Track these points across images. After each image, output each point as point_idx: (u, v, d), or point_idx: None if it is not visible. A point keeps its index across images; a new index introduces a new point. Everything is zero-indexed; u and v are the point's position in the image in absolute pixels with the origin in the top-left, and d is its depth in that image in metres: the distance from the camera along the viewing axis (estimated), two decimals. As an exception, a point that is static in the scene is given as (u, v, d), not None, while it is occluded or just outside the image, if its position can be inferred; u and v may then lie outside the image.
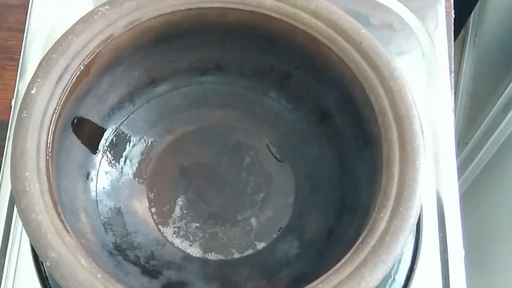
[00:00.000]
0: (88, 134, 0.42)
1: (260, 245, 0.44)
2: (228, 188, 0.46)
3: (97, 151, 0.43)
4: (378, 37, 0.49)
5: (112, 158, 0.44)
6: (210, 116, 0.47)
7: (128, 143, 0.45)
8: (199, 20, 0.39)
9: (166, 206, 0.45)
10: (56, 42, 0.36)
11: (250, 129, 0.47)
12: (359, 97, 0.38)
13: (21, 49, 0.50)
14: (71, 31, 0.37)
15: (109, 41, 0.37)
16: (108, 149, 0.44)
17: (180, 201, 0.45)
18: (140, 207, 0.44)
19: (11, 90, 0.55)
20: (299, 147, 0.46)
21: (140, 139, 0.46)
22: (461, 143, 0.91)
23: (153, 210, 0.45)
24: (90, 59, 0.37)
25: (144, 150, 0.46)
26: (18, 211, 0.32)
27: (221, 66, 0.45)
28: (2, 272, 0.42)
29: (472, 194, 0.85)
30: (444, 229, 0.44)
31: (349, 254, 0.32)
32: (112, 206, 0.43)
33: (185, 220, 0.44)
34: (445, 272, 0.42)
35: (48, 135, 0.34)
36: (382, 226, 0.33)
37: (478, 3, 1.01)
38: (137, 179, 0.45)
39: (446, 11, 0.52)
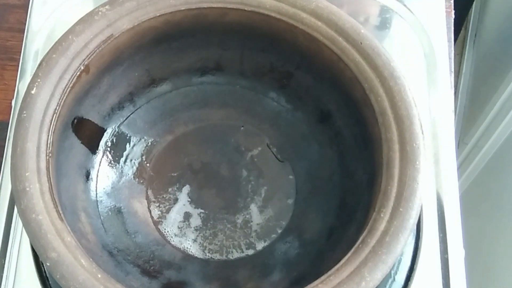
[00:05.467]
0: (88, 134, 0.42)
1: (260, 245, 0.44)
2: (228, 188, 0.46)
3: (97, 151, 0.43)
4: (378, 37, 0.50)
5: (112, 158, 0.44)
6: (210, 116, 0.47)
7: (128, 143, 0.45)
8: (199, 20, 0.39)
9: (166, 206, 0.45)
10: (56, 42, 0.36)
11: (250, 129, 0.47)
12: (359, 97, 0.38)
13: (21, 49, 0.50)
14: (71, 31, 0.37)
15: (109, 41, 0.37)
16: (108, 149, 0.44)
17: (180, 201, 0.45)
18: (140, 207, 0.44)
19: (11, 90, 0.55)
20: (299, 147, 0.46)
21: (140, 139, 0.46)
22: (461, 143, 0.91)
23: (153, 210, 0.45)
24: (90, 59, 0.37)
25: (144, 150, 0.46)
26: (18, 211, 0.32)
27: (221, 66, 0.45)
28: (2, 272, 0.42)
29: (472, 194, 0.85)
30: (444, 229, 0.44)
31: (349, 254, 0.32)
32: (112, 206, 0.43)
33: (185, 220, 0.44)
34: (445, 272, 0.42)
35: (48, 135, 0.34)
36: (382, 226, 0.33)
37: (478, 3, 1.01)
38: (137, 179, 0.45)
39: (446, 11, 0.52)
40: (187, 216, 0.45)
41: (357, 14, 0.51)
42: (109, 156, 0.44)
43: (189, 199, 0.45)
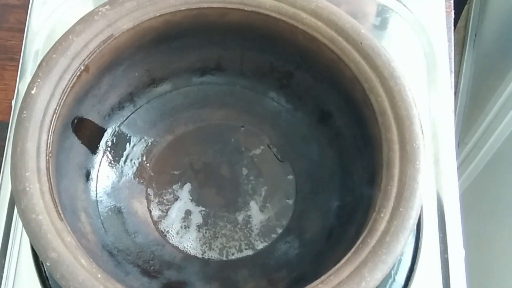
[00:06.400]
0: (88, 134, 0.42)
1: (260, 245, 0.44)
2: (228, 188, 0.46)
3: (97, 151, 0.43)
4: (378, 37, 0.50)
5: (112, 158, 0.44)
6: (210, 116, 0.47)
7: (128, 143, 0.45)
8: (199, 20, 0.39)
9: (166, 206, 0.45)
10: (56, 42, 0.36)
11: (250, 129, 0.47)
12: (359, 97, 0.38)
13: (21, 49, 0.50)
14: (71, 31, 0.37)
15: (109, 41, 0.37)
16: (109, 149, 0.44)
17: (180, 201, 0.45)
18: (140, 207, 0.44)
19: (11, 90, 0.55)
20: (299, 147, 0.46)
21: (140, 139, 0.46)
22: (461, 143, 0.91)
23: (153, 210, 0.45)
24: (90, 59, 0.37)
25: (144, 150, 0.46)
26: (18, 211, 0.32)
27: (221, 66, 0.45)
28: (2, 272, 0.42)
29: (472, 194, 0.85)
30: (444, 229, 0.44)
31: (349, 254, 0.32)
32: (112, 206, 0.43)
33: (185, 221, 0.44)
34: (445, 273, 0.42)
35: (48, 135, 0.34)
36: (382, 226, 0.33)
37: (478, 3, 1.01)
38: (137, 179, 0.45)
39: (446, 11, 0.52)
40: (187, 216, 0.45)
41: (355, 13, 0.51)
42: (109, 156, 0.44)
43: (189, 199, 0.45)
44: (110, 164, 0.44)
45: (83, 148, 0.42)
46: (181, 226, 0.44)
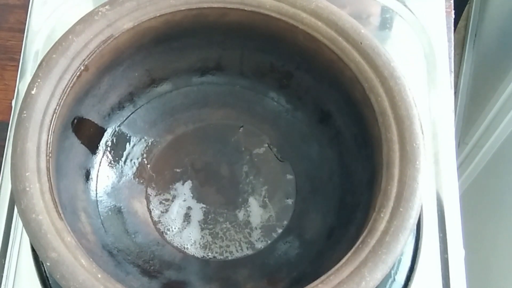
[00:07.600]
0: (88, 134, 0.42)
1: (260, 245, 0.44)
2: (228, 188, 0.46)
3: (97, 151, 0.43)
4: (378, 37, 0.50)
5: (112, 158, 0.44)
6: (210, 116, 0.47)
7: (128, 143, 0.45)
8: (199, 20, 0.39)
9: (166, 206, 0.45)
10: (56, 42, 0.36)
11: (250, 129, 0.47)
12: (359, 97, 0.38)
13: (21, 49, 0.50)
14: (71, 31, 0.37)
15: (109, 41, 0.37)
16: (108, 149, 0.44)
17: (180, 201, 0.45)
18: (140, 207, 0.44)
19: (11, 90, 0.55)
20: (299, 147, 0.46)
21: (140, 139, 0.46)
22: (461, 143, 0.91)
23: (153, 210, 0.45)
24: (90, 59, 0.37)
25: (144, 150, 0.46)
26: (18, 211, 0.32)
27: (221, 66, 0.45)
28: (2, 272, 0.42)
29: (472, 194, 0.85)
30: (444, 229, 0.44)
31: (349, 254, 0.32)
32: (112, 206, 0.43)
33: (185, 221, 0.44)
34: (445, 272, 0.42)
35: (48, 135, 0.34)
36: (382, 226, 0.33)
37: (478, 3, 1.01)
38: (137, 179, 0.45)
39: (446, 11, 0.52)
40: (187, 216, 0.45)
41: (358, 14, 0.51)
42: (109, 156, 0.44)
43: (189, 199, 0.45)
44: (110, 164, 0.44)
45: (83, 148, 0.42)
46: (181, 226, 0.44)
